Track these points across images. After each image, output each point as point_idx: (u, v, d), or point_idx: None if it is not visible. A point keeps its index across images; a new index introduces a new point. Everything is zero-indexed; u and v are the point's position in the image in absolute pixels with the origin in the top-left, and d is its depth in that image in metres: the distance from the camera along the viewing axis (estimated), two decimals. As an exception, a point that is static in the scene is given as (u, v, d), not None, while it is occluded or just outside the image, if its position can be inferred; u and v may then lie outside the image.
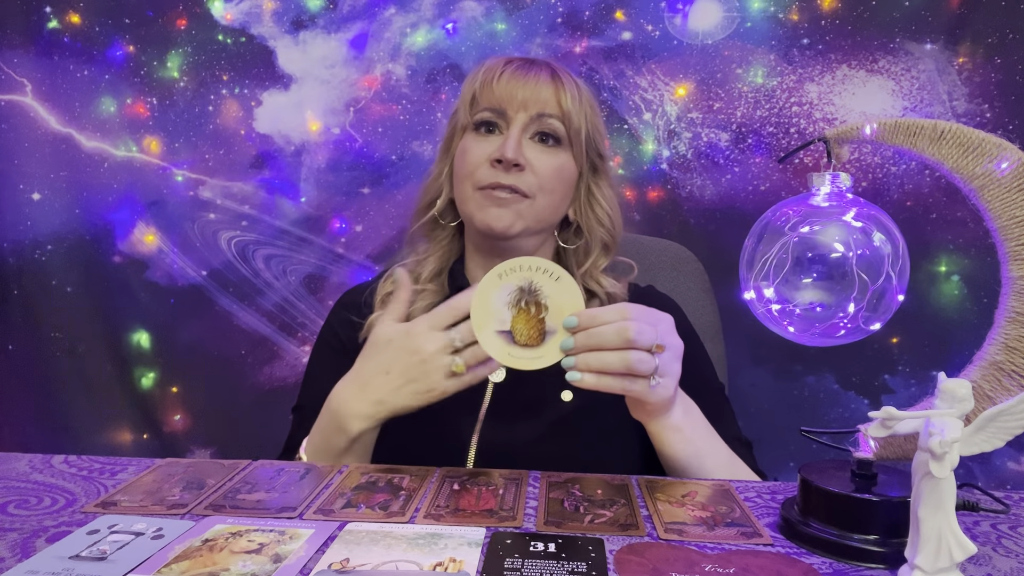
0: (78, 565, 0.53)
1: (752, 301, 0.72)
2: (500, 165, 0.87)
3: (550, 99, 0.89)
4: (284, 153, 1.68)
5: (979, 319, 1.49)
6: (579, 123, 0.91)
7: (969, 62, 1.46)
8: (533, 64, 0.92)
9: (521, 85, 0.89)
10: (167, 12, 1.66)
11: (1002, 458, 1.52)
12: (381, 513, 0.63)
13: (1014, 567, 0.56)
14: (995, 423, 0.50)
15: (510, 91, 0.89)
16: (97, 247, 1.72)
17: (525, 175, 0.88)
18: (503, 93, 0.89)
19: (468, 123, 0.92)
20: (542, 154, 0.90)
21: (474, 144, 0.91)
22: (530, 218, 0.90)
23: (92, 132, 1.70)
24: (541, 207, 0.90)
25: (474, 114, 0.91)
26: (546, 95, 0.89)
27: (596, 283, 0.96)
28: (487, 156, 0.88)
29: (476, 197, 0.90)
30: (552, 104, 0.89)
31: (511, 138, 0.87)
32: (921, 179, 1.50)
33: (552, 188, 0.91)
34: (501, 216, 0.88)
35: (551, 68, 0.92)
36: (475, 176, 0.89)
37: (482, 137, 0.91)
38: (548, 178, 0.90)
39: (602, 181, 0.98)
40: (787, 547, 0.59)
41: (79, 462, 0.76)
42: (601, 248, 0.97)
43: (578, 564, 0.54)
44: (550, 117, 0.89)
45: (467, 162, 0.90)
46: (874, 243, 0.68)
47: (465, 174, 0.91)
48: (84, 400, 1.74)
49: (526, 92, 0.89)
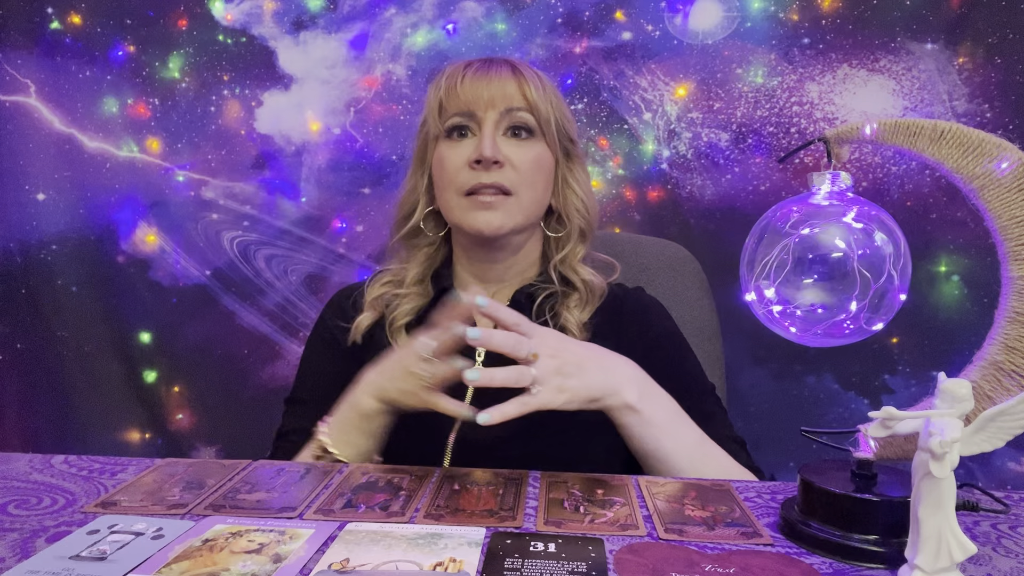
0: (78, 565, 0.53)
1: (753, 302, 0.72)
2: (479, 165, 0.88)
3: (515, 93, 0.90)
4: (285, 153, 1.69)
5: (979, 319, 1.49)
6: (547, 112, 0.91)
7: (969, 62, 1.46)
8: (492, 62, 0.92)
9: (485, 84, 0.89)
10: (168, 13, 1.66)
11: (1002, 458, 1.52)
12: (381, 513, 0.63)
13: (1014, 567, 0.56)
14: (995, 423, 0.50)
15: (475, 92, 0.89)
16: (101, 247, 1.73)
17: (506, 171, 0.89)
18: (468, 95, 0.89)
19: (439, 132, 0.92)
20: (518, 148, 0.90)
21: (449, 151, 0.91)
22: (517, 215, 0.90)
23: (94, 133, 1.70)
24: (526, 202, 0.91)
25: (444, 121, 0.91)
26: (511, 90, 0.90)
27: (573, 272, 0.96)
28: (465, 159, 0.89)
29: (462, 204, 0.90)
30: (518, 97, 0.90)
31: (486, 136, 0.88)
32: (921, 179, 1.50)
33: (533, 181, 0.91)
34: (490, 219, 0.89)
35: (510, 64, 0.93)
36: (457, 182, 0.90)
37: (456, 142, 0.91)
38: (528, 171, 0.90)
39: (575, 167, 0.98)
40: (787, 547, 0.59)
41: (79, 462, 0.76)
42: (578, 235, 0.97)
43: (578, 564, 0.54)
44: (519, 110, 0.90)
45: (446, 169, 0.91)
46: (875, 242, 0.68)
47: (446, 182, 0.91)
48: (91, 399, 1.75)
49: (491, 90, 0.89)
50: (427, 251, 0.99)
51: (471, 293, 0.72)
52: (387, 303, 0.97)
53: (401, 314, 0.94)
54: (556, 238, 0.97)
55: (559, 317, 0.94)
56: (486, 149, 0.87)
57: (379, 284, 0.99)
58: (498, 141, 0.89)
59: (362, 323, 0.96)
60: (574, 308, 0.95)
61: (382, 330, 0.95)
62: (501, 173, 0.88)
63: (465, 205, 0.90)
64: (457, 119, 0.90)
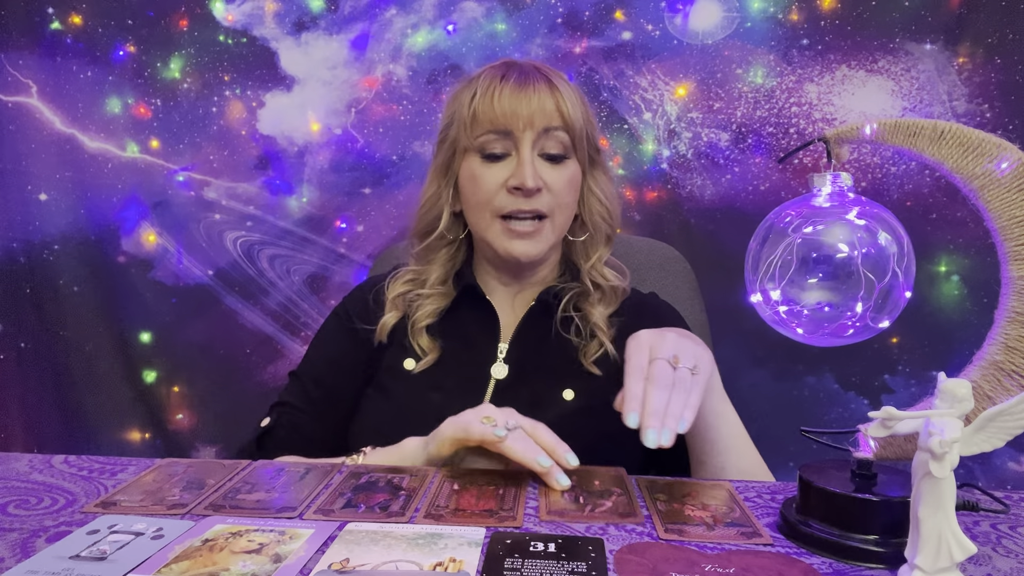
0: (78, 565, 0.53)
1: (759, 304, 0.72)
2: (519, 192, 0.87)
3: (552, 111, 0.87)
4: (287, 154, 1.69)
5: (979, 319, 1.49)
6: (580, 128, 0.90)
7: (969, 62, 1.46)
8: (529, 76, 0.89)
9: (524, 101, 0.86)
10: (169, 13, 1.66)
11: (1002, 458, 1.52)
12: (381, 513, 0.64)
13: (1014, 567, 0.56)
14: (995, 423, 0.50)
15: (513, 108, 0.86)
16: (103, 247, 1.73)
17: (543, 197, 0.88)
18: (506, 110, 0.86)
19: (470, 145, 0.90)
20: (554, 172, 0.89)
21: (484, 171, 0.89)
22: (551, 237, 0.91)
23: (95, 133, 1.70)
24: (559, 223, 0.92)
25: (476, 135, 0.89)
26: (549, 108, 0.87)
27: (601, 276, 0.97)
28: (501, 182, 0.88)
29: (495, 227, 0.90)
30: (555, 116, 0.88)
31: (526, 163, 0.86)
32: (921, 179, 1.50)
33: (567, 202, 0.92)
34: (527, 249, 0.89)
35: (546, 76, 0.90)
36: (493, 204, 0.89)
37: (491, 163, 0.89)
38: (563, 194, 0.90)
39: (599, 174, 0.98)
40: (787, 547, 0.59)
41: (79, 462, 0.76)
42: (604, 240, 0.98)
43: (578, 564, 0.54)
44: (556, 130, 0.88)
45: (482, 190, 0.89)
46: (879, 241, 0.68)
47: (481, 202, 0.90)
48: (92, 398, 1.76)
49: (530, 108, 0.86)
50: (448, 251, 0.98)
51: (559, 485, 0.69)
52: (409, 302, 0.97)
53: (424, 315, 0.95)
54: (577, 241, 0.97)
55: (583, 313, 0.95)
56: (528, 179, 0.85)
57: (401, 282, 0.98)
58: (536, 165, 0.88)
59: (388, 323, 0.96)
60: (598, 304, 0.96)
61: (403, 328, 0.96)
62: (539, 199, 0.88)
63: (499, 230, 0.90)
64: (492, 137, 0.88)
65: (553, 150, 0.89)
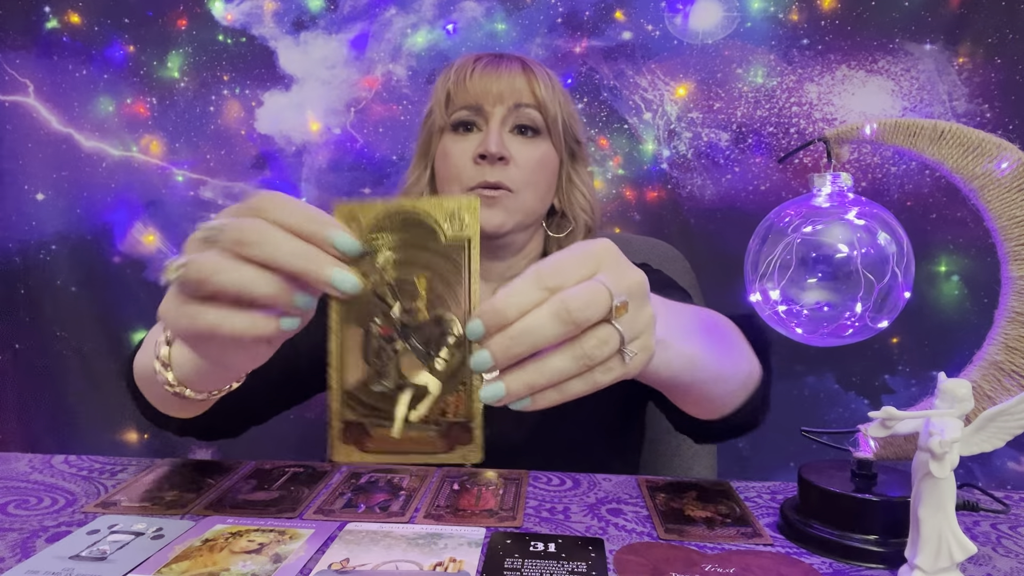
0: (78, 565, 0.53)
1: (758, 303, 0.72)
2: (484, 160, 0.88)
3: (524, 89, 0.90)
4: (285, 153, 1.68)
5: (979, 319, 1.49)
6: (555, 111, 0.91)
7: (969, 62, 1.46)
8: (503, 58, 0.92)
9: (494, 79, 0.89)
10: (167, 12, 1.66)
11: (1002, 458, 1.52)
12: (381, 513, 0.63)
13: (1014, 567, 0.56)
14: (995, 423, 0.50)
15: (484, 86, 0.89)
16: (98, 247, 1.72)
17: (510, 169, 0.88)
18: (477, 88, 0.89)
19: (445, 124, 0.92)
20: (523, 146, 0.90)
21: (454, 144, 0.91)
22: (519, 213, 0.90)
23: (91, 132, 1.70)
24: (528, 200, 0.91)
25: (450, 113, 0.91)
26: (520, 85, 0.90)
27: None
28: (470, 154, 0.89)
29: None
30: (527, 94, 0.90)
31: (492, 132, 0.88)
32: (921, 179, 1.50)
33: (536, 180, 0.91)
34: (491, 216, 0.89)
35: (521, 60, 0.93)
36: (462, 177, 0.89)
37: (461, 136, 0.91)
38: (532, 170, 0.90)
39: (580, 167, 0.98)
40: (787, 547, 0.59)
41: (79, 462, 0.76)
42: (585, 233, 0.98)
43: (578, 564, 0.54)
44: (527, 107, 0.90)
45: (451, 164, 0.90)
46: (878, 241, 0.68)
47: (451, 176, 0.91)
48: (90, 398, 1.75)
49: (500, 85, 0.89)
50: None
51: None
52: None
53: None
54: (558, 238, 0.97)
55: None
56: (492, 145, 0.86)
57: None
58: (504, 138, 0.89)
59: None
60: None
61: None
62: (505, 171, 0.88)
63: None
64: (464, 112, 0.90)
65: (524, 122, 0.90)
